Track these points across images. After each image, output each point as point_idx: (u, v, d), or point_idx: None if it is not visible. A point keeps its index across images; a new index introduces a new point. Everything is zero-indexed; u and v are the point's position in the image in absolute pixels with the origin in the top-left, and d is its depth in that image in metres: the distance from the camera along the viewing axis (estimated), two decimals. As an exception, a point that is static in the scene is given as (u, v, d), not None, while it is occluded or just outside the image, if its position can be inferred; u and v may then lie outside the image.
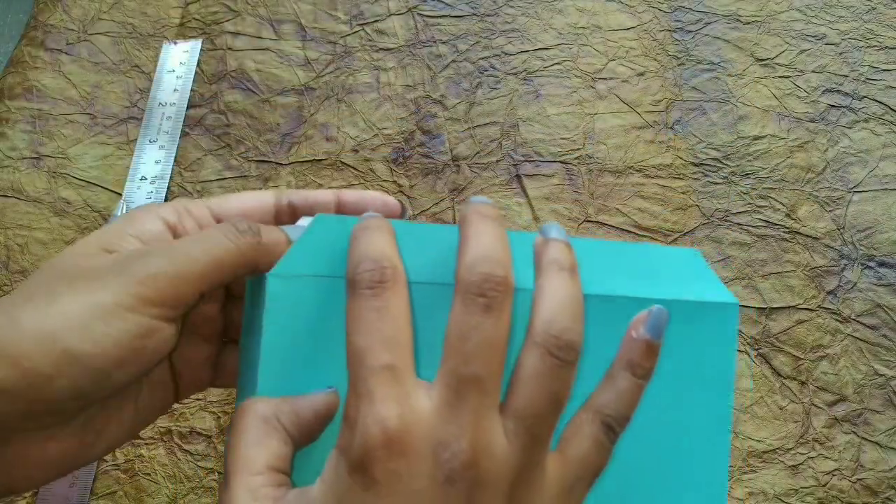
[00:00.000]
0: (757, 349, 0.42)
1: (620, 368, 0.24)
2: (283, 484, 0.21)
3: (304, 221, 0.27)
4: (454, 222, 0.44)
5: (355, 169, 0.46)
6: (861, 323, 0.42)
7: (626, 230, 0.44)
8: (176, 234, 0.25)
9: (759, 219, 0.45)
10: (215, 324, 0.27)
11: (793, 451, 0.39)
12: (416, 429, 0.20)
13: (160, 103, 0.47)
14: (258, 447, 0.21)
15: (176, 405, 0.38)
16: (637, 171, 0.46)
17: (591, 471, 0.23)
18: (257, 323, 0.25)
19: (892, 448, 0.39)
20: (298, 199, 0.28)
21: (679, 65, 0.49)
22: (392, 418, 0.20)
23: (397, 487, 0.20)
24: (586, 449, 0.23)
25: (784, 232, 0.45)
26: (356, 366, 0.21)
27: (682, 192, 0.46)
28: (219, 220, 0.26)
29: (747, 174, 0.46)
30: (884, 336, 0.42)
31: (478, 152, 0.46)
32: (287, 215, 0.28)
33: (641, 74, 0.49)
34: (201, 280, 0.23)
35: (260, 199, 0.27)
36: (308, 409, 0.23)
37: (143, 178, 0.45)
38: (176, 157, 0.46)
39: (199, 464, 0.38)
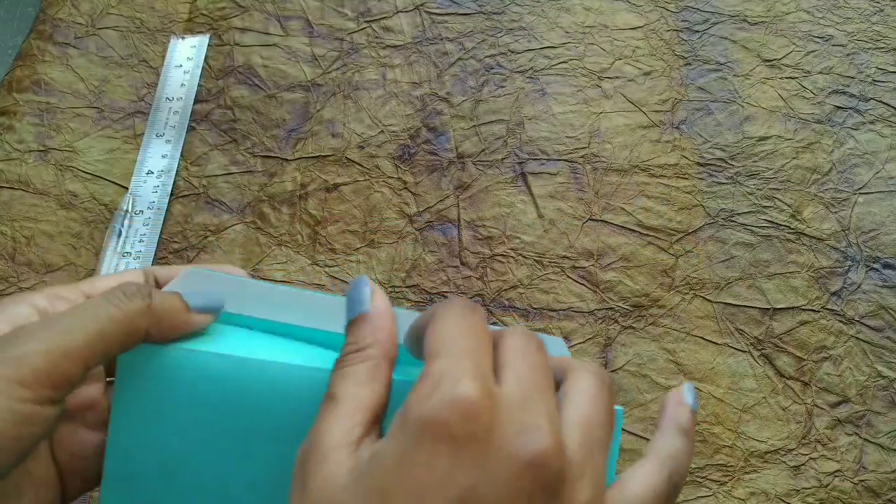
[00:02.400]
0: (760, 350, 0.42)
1: (675, 430, 0.24)
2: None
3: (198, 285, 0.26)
4: (458, 220, 0.44)
5: (360, 165, 0.46)
6: (865, 325, 0.42)
7: (630, 229, 0.44)
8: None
9: (764, 219, 0.45)
10: (99, 408, 0.25)
11: (795, 452, 0.39)
12: (500, 405, 0.19)
13: (167, 98, 0.47)
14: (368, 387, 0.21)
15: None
16: (642, 170, 0.46)
17: None
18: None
19: (895, 450, 0.39)
20: (162, 274, 0.27)
21: (685, 65, 0.49)
22: (478, 385, 0.19)
23: (472, 451, 0.19)
24: (647, 495, 0.22)
25: (789, 233, 0.45)
26: (442, 340, 0.21)
27: (688, 192, 0.46)
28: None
29: (752, 174, 0.46)
30: (887, 338, 0.42)
31: (483, 150, 0.46)
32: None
33: (648, 74, 0.49)
34: (85, 354, 0.21)
35: (131, 276, 0.26)
36: None
37: (150, 172, 0.45)
38: (182, 152, 0.46)
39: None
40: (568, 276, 0.43)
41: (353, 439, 0.20)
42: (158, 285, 0.26)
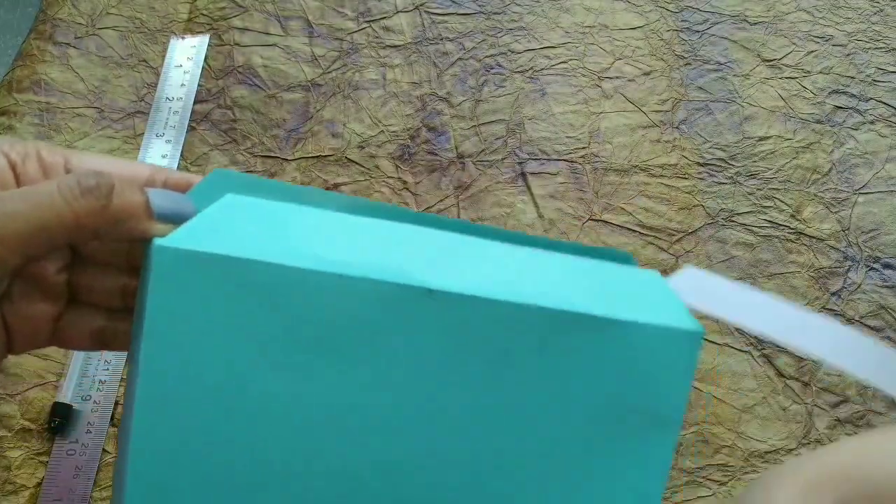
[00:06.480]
0: (760, 350, 0.42)
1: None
2: None
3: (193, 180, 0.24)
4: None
5: (361, 165, 0.46)
6: (865, 324, 0.42)
7: (630, 229, 0.44)
8: (16, 175, 0.23)
9: (764, 219, 0.45)
10: (56, 284, 0.24)
11: (795, 452, 0.39)
12: None
13: (167, 98, 0.47)
14: None
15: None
16: (642, 170, 0.46)
17: None
18: (141, 304, 0.21)
19: (895, 450, 0.39)
20: (178, 179, 0.24)
21: (685, 64, 0.49)
22: None
23: None
24: None
25: (789, 233, 0.45)
26: None
27: (688, 192, 0.46)
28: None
29: (752, 174, 0.46)
30: (888, 338, 0.42)
31: (483, 150, 0.46)
32: None
33: (648, 74, 0.49)
34: (23, 244, 0.20)
35: (132, 171, 0.24)
36: None
37: (150, 172, 0.45)
38: (182, 152, 0.46)
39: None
40: (568, 276, 0.43)
41: None
42: (175, 189, 0.24)
